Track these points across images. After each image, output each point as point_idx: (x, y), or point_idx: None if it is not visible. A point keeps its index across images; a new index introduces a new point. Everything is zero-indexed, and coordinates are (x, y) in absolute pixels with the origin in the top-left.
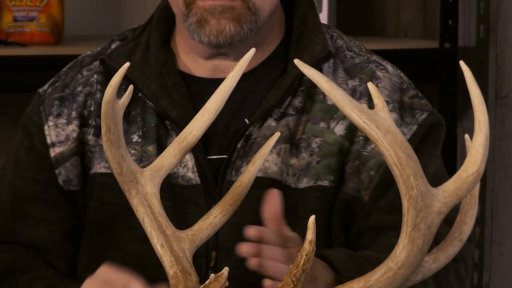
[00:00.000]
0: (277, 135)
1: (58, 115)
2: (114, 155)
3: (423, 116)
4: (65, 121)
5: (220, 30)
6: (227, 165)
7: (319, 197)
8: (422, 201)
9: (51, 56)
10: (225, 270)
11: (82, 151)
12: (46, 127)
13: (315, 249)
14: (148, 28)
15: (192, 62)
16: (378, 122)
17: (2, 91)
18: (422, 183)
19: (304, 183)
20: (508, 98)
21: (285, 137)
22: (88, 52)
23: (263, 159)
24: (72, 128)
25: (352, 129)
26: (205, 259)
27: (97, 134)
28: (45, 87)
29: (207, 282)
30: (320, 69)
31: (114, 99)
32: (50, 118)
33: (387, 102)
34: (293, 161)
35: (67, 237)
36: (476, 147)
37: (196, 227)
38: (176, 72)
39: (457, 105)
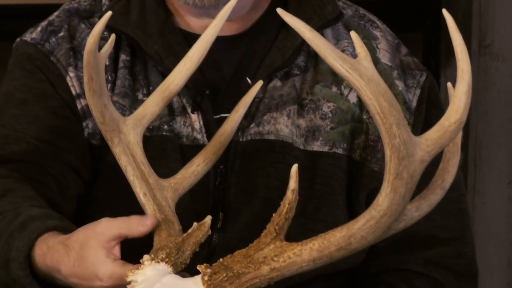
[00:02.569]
0: (259, 83)
1: (76, 67)
2: (96, 104)
3: (423, 78)
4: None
5: None
6: None
7: (335, 165)
8: (405, 149)
9: (37, 5)
10: (208, 219)
11: None
12: (68, 78)
13: (297, 198)
14: None
15: (188, 18)
16: (361, 71)
17: None
18: (405, 132)
19: (315, 147)
20: (491, 47)
21: (293, 97)
22: (74, 4)
23: (246, 107)
24: None
25: None
26: (212, 220)
27: (112, 88)
28: (33, 35)
29: (190, 230)
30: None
31: (96, 48)
32: (70, 69)
33: (391, 68)
34: (300, 121)
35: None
36: (459, 95)
37: (178, 175)
38: (177, 31)
39: (440, 54)
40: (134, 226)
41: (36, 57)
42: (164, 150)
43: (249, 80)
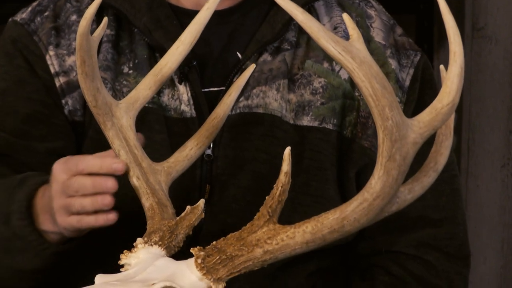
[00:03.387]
0: (252, 67)
1: (57, 45)
2: (89, 87)
3: (417, 58)
4: (65, 51)
5: None
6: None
7: (324, 140)
8: (397, 132)
9: None
10: (201, 202)
11: None
12: (47, 57)
13: (290, 180)
14: None
15: None
16: (353, 53)
17: None
18: (398, 114)
19: (304, 121)
20: (484, 29)
21: (283, 72)
22: None
23: (239, 90)
24: (75, 59)
25: None
26: (198, 193)
27: None
28: (23, 15)
29: (183, 214)
30: (311, 6)
31: (88, 31)
32: (50, 47)
33: (384, 46)
34: (291, 96)
35: None
36: (451, 77)
37: (172, 159)
38: (166, 5)
39: (433, 37)
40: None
41: (19, 39)
42: (145, 122)
43: (239, 55)
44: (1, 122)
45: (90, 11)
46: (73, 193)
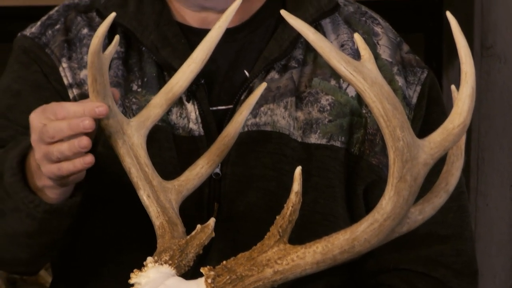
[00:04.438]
0: (263, 85)
1: (70, 58)
2: None
3: (424, 75)
4: (76, 65)
5: None
6: (231, 117)
7: (332, 157)
8: (408, 152)
9: (38, 7)
10: (212, 221)
11: None
12: (61, 69)
13: (301, 200)
14: None
15: (184, 11)
16: (365, 73)
17: None
18: (409, 135)
19: (312, 139)
20: (493, 48)
21: (291, 90)
22: (75, 0)
23: (250, 109)
24: (86, 73)
25: None
26: (207, 211)
27: None
28: (32, 30)
29: (193, 232)
30: (318, 24)
31: (100, 49)
32: (63, 60)
33: (391, 64)
34: (298, 114)
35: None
36: (463, 98)
37: (182, 177)
38: (174, 23)
39: (442, 55)
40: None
41: (31, 49)
42: (155, 140)
43: (246, 73)
44: (17, 119)
45: (102, 29)
46: (50, 139)
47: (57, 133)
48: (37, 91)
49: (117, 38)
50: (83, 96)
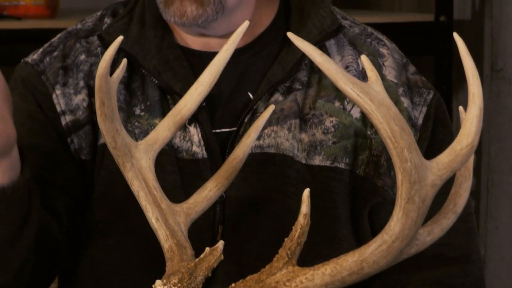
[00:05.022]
0: (271, 107)
1: (64, 84)
2: (108, 128)
3: (430, 96)
4: (72, 91)
5: (182, 12)
6: (235, 139)
7: (336, 179)
8: (416, 173)
9: (46, 30)
10: (220, 244)
11: (93, 120)
12: (54, 96)
13: (309, 222)
14: (140, 2)
15: (186, 36)
16: (372, 95)
17: None
18: (416, 156)
19: (316, 161)
20: (503, 71)
21: (295, 112)
22: (79, 25)
23: (258, 131)
24: (82, 98)
25: None
26: (211, 233)
27: None
28: (34, 56)
29: (202, 255)
30: (323, 45)
31: (107, 72)
32: (57, 87)
33: (397, 85)
34: (302, 135)
35: (67, 207)
36: (470, 119)
37: (191, 200)
38: (176, 46)
39: (452, 78)
40: None
41: (28, 79)
42: (158, 163)
43: (250, 95)
44: None
45: (109, 53)
46: None
47: None
48: (29, 123)
49: (124, 61)
50: (76, 122)
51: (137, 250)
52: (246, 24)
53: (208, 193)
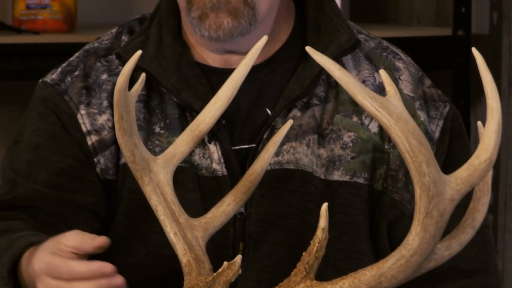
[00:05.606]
0: (289, 122)
1: (88, 104)
2: (127, 143)
3: (446, 109)
4: (96, 111)
5: (218, 24)
6: (254, 156)
7: (355, 194)
8: (435, 188)
9: (64, 44)
10: (238, 258)
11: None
12: (79, 116)
13: (327, 236)
14: (157, 19)
15: (205, 53)
16: (390, 109)
17: (15, 79)
18: (435, 170)
19: (335, 176)
20: None
21: (313, 127)
22: (96, 43)
23: (276, 146)
24: (107, 118)
25: None
26: (232, 250)
27: None
28: (53, 76)
29: (220, 269)
30: (339, 60)
31: (126, 87)
32: (82, 106)
33: (413, 99)
34: (321, 151)
35: (93, 228)
36: (489, 134)
37: (209, 215)
38: (194, 64)
39: (470, 92)
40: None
41: (50, 98)
42: (179, 181)
43: (268, 111)
44: (33, 174)
45: (128, 67)
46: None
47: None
48: (54, 143)
49: (143, 75)
50: (102, 142)
51: (158, 270)
52: (264, 38)
53: (226, 207)
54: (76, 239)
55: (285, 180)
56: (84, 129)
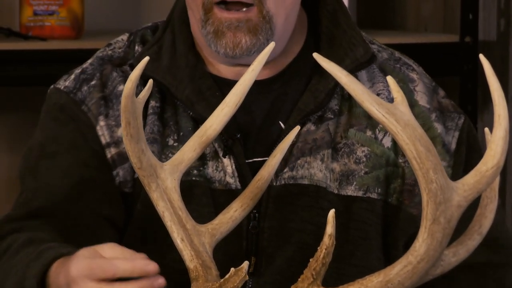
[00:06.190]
0: (296, 129)
1: (106, 116)
2: (134, 149)
3: (461, 120)
4: (114, 122)
5: (236, 43)
6: None
7: (369, 210)
8: (442, 194)
9: (71, 50)
10: (245, 264)
11: None
12: (98, 128)
13: (334, 243)
14: (169, 29)
15: (218, 64)
16: (397, 115)
17: (22, 85)
18: (442, 177)
19: (349, 191)
20: None
21: (327, 142)
22: (108, 51)
23: (283, 153)
24: None
25: None
26: None
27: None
28: (66, 83)
29: (227, 276)
30: (355, 75)
31: (133, 93)
32: (101, 118)
33: (429, 110)
34: (334, 165)
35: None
36: (496, 140)
37: (216, 221)
38: (208, 76)
39: (477, 99)
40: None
41: (68, 106)
42: (193, 195)
43: (282, 124)
44: (53, 184)
45: (135, 73)
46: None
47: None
48: (74, 151)
49: (150, 82)
50: (121, 155)
51: (171, 284)
52: (272, 45)
53: (233, 213)
54: (115, 252)
55: (299, 195)
56: (103, 141)
